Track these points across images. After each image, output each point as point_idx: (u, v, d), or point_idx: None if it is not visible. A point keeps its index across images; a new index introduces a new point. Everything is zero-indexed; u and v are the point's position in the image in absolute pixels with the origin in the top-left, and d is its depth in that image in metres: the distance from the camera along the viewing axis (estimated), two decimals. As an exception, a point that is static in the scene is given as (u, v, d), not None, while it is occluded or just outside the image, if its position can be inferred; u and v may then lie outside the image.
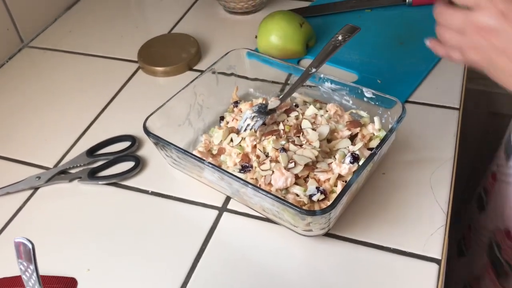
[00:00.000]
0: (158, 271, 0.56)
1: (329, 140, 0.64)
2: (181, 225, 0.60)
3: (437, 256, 0.54)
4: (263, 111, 0.65)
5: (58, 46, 0.91)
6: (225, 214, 0.61)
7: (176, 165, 0.64)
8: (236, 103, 0.72)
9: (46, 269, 0.56)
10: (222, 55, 0.72)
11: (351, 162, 0.59)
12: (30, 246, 0.34)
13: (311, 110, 0.67)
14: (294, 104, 0.70)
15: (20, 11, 0.90)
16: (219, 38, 0.90)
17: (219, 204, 0.62)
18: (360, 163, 0.59)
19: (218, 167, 0.57)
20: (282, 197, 0.55)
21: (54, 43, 0.92)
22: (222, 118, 0.71)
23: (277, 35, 0.80)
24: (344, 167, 0.59)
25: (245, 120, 0.65)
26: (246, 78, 0.75)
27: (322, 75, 0.68)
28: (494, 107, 1.15)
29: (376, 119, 0.65)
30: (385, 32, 0.86)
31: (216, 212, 0.61)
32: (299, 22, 0.81)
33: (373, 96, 0.65)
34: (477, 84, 0.72)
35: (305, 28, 0.81)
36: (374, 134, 0.64)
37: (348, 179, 0.56)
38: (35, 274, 0.35)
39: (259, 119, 0.64)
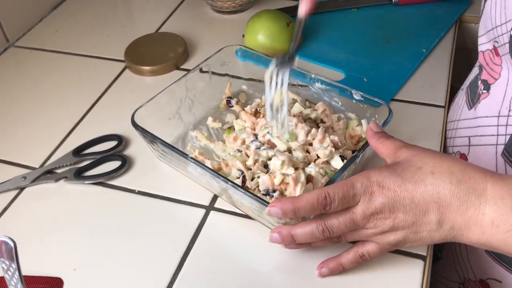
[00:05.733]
0: (145, 270, 0.56)
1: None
2: (168, 224, 0.60)
3: (423, 253, 0.55)
4: (285, 61, 0.59)
5: (44, 46, 0.91)
6: (212, 212, 0.61)
7: (163, 159, 0.64)
8: (229, 99, 0.72)
9: (32, 269, 0.56)
10: (216, 51, 0.72)
11: (336, 163, 0.59)
12: (12, 244, 0.34)
13: (297, 107, 0.67)
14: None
15: (5, 11, 0.89)
16: (207, 37, 0.90)
17: (206, 203, 0.62)
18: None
19: (200, 163, 0.57)
20: (261, 196, 0.55)
21: (40, 43, 0.91)
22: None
23: (264, 34, 0.80)
24: (330, 168, 0.59)
25: (270, 81, 0.59)
26: (239, 77, 0.75)
27: (313, 75, 0.68)
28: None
29: (363, 121, 0.65)
30: (372, 31, 0.87)
31: (203, 211, 0.61)
32: (286, 21, 0.81)
33: (362, 99, 0.65)
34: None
35: (292, 27, 0.81)
36: (362, 136, 0.64)
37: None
38: (17, 272, 0.35)
39: (284, 70, 0.58)
